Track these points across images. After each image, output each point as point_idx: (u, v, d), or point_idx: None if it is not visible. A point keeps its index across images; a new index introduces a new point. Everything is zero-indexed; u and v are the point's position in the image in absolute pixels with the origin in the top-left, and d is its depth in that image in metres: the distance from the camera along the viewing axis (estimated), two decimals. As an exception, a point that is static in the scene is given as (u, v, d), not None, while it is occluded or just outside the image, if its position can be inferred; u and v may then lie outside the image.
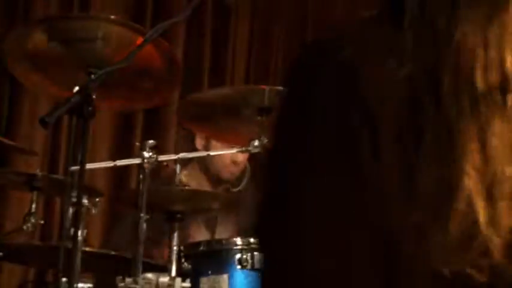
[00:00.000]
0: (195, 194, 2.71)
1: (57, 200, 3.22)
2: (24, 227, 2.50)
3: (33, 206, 2.51)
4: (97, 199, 2.42)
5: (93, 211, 2.43)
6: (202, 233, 3.00)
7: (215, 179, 3.16)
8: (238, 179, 3.18)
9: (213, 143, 3.09)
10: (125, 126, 3.76)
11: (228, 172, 3.15)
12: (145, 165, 2.35)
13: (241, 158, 3.10)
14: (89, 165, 2.26)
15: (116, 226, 3.06)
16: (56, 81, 2.50)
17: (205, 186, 3.13)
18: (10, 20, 3.28)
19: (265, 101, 2.48)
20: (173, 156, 2.49)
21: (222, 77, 3.87)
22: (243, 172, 3.17)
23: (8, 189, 3.19)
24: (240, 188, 3.15)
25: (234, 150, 2.55)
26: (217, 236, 2.97)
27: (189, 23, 3.58)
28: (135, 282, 2.32)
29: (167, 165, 2.60)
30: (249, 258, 2.47)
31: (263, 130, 2.47)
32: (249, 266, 2.47)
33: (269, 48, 3.80)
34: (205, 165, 3.14)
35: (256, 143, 2.44)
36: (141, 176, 2.37)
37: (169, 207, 2.54)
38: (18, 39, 2.40)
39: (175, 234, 2.52)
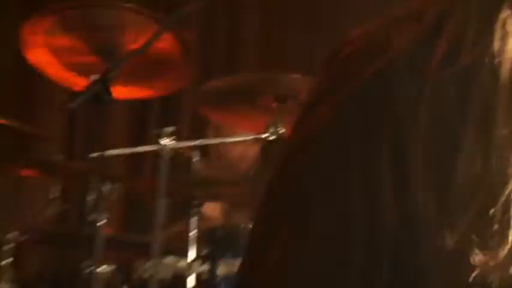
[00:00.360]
0: (212, 180, 2.74)
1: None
2: (46, 213, 2.56)
3: (55, 192, 2.57)
4: (116, 185, 2.47)
5: (112, 197, 2.48)
6: (218, 219, 3.03)
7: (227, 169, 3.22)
8: (250, 171, 3.22)
9: (225, 133, 3.13)
10: (141, 114, 3.80)
11: (238, 168, 3.19)
12: (164, 152, 2.39)
13: (251, 153, 3.12)
14: (108, 152, 2.31)
15: (136, 210, 3.11)
16: (74, 69, 2.54)
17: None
18: (28, 8, 3.34)
19: (281, 89, 2.51)
20: (192, 143, 2.52)
21: (237, 65, 3.90)
22: (253, 164, 3.22)
23: (30, 175, 3.25)
24: (252, 173, 3.19)
25: (250, 137, 2.58)
26: (233, 222, 3.01)
27: (202, 9, 3.61)
28: (155, 265, 2.37)
29: (183, 152, 2.64)
30: None
31: (279, 118, 2.51)
32: None
33: (283, 36, 3.82)
34: (217, 158, 3.18)
35: (271, 130, 2.48)
36: (159, 163, 2.41)
37: (187, 193, 2.59)
38: (36, 28, 2.44)
39: (193, 219, 2.56)
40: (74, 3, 2.46)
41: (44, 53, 2.51)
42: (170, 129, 2.41)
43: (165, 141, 2.39)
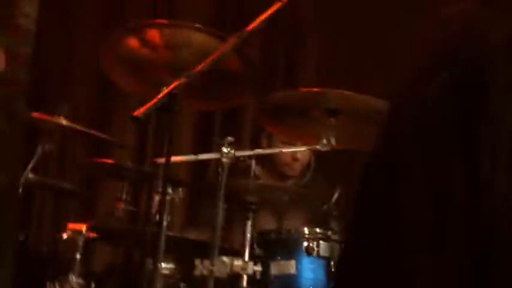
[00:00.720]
0: (268, 187, 2.92)
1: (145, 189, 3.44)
2: (116, 213, 2.75)
3: (124, 194, 2.77)
4: (180, 189, 2.65)
5: (176, 200, 2.67)
6: (271, 223, 3.18)
7: (281, 175, 3.38)
8: (302, 175, 3.39)
9: (276, 142, 3.33)
10: (205, 124, 4.00)
11: (290, 168, 3.35)
12: (224, 160, 2.55)
13: (300, 155, 3.29)
14: (173, 159, 2.49)
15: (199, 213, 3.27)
16: (145, 82, 2.72)
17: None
18: (106, 26, 3.58)
19: (332, 103, 2.65)
20: (249, 152, 2.69)
21: (296, 81, 4.07)
22: (305, 168, 3.38)
23: (102, 178, 3.46)
24: (304, 181, 3.36)
25: (303, 148, 2.75)
26: (285, 226, 3.14)
27: (265, 28, 3.80)
28: (212, 264, 2.50)
29: (243, 160, 2.80)
30: (315, 246, 2.68)
31: (330, 130, 2.66)
32: (314, 254, 2.67)
33: (337, 53, 3.97)
34: (270, 163, 3.37)
35: (324, 141, 2.65)
36: (219, 169, 2.57)
37: (245, 198, 2.74)
38: (114, 44, 2.62)
39: (249, 223, 2.70)
40: (147, 22, 2.66)
41: (120, 66, 2.71)
42: (231, 138, 2.56)
43: (226, 150, 2.55)
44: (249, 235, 2.68)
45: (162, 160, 2.26)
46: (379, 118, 2.49)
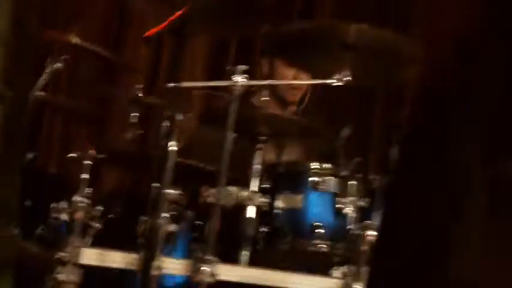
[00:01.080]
0: (276, 118, 2.87)
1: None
2: (125, 136, 2.73)
3: (134, 118, 2.74)
4: (189, 115, 2.62)
5: (186, 126, 2.63)
6: (271, 155, 3.11)
7: (281, 101, 3.39)
8: (301, 101, 3.40)
9: (278, 70, 3.28)
10: (219, 52, 3.95)
11: (291, 95, 3.37)
12: (236, 88, 2.50)
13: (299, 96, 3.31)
14: (184, 84, 2.46)
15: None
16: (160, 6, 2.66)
17: (274, 109, 3.32)
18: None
19: (349, 37, 2.58)
20: (262, 82, 2.63)
21: (314, 12, 4.00)
22: (304, 95, 3.39)
23: (112, 102, 3.43)
24: (301, 107, 3.36)
25: (317, 81, 2.70)
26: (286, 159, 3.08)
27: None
28: (218, 192, 2.48)
29: (254, 91, 2.76)
30: (321, 181, 2.66)
31: (344, 65, 2.59)
32: (321, 189, 2.65)
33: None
34: (272, 90, 3.34)
35: (337, 76, 2.59)
36: (231, 98, 2.51)
37: (254, 129, 2.71)
38: None
39: (258, 154, 2.69)
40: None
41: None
42: (243, 67, 2.51)
43: (237, 78, 2.50)
44: (257, 166, 2.66)
45: (172, 85, 2.22)
46: (398, 54, 2.43)
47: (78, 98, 3.55)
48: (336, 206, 2.65)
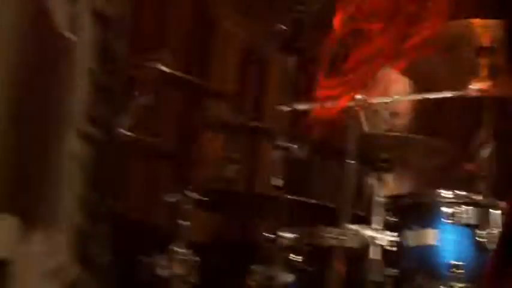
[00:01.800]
0: (403, 140, 2.54)
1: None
2: (223, 173, 2.49)
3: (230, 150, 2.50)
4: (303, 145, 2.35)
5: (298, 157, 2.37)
6: (399, 185, 2.86)
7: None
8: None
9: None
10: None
11: (390, 125, 2.94)
12: (356, 108, 2.26)
13: (402, 108, 2.89)
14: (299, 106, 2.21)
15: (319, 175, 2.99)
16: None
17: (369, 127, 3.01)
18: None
19: (485, 40, 2.36)
20: (385, 99, 2.39)
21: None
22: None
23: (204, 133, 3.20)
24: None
25: (449, 94, 2.40)
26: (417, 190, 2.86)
27: None
28: (343, 233, 2.28)
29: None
30: (456, 212, 2.42)
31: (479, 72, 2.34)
32: (456, 220, 2.42)
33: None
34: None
35: (473, 87, 2.30)
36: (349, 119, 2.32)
37: (376, 155, 2.44)
38: None
39: (379, 185, 2.43)
40: None
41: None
42: None
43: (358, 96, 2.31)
44: (379, 199, 2.43)
45: (284, 108, 1.99)
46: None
47: (164, 133, 3.32)
48: (476, 240, 2.42)
